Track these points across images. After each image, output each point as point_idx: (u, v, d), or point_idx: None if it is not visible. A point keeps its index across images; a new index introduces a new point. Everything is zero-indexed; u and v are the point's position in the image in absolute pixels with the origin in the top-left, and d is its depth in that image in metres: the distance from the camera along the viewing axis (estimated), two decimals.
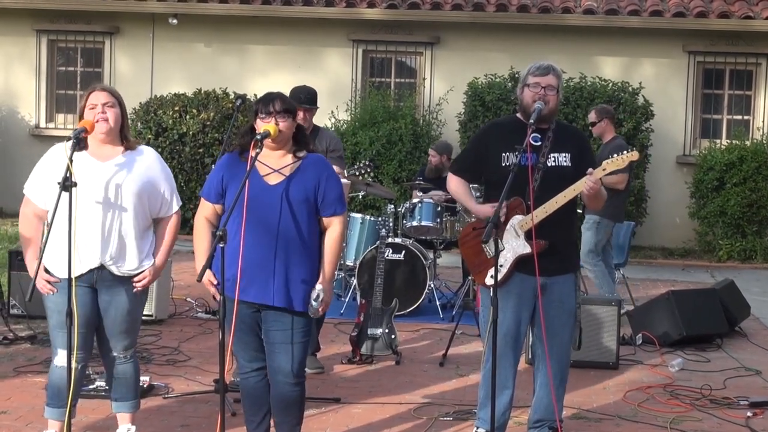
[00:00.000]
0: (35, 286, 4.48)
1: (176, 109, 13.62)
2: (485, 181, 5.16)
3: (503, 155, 4.91)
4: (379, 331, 7.02)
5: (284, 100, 4.52)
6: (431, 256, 9.10)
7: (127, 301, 4.70)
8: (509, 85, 12.88)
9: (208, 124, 13.49)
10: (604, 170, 4.80)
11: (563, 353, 5.03)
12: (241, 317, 4.48)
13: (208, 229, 4.57)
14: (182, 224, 4.99)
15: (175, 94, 13.93)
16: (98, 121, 4.60)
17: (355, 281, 8.75)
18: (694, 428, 5.65)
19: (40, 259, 4.46)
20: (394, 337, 7.06)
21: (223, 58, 14.78)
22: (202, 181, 12.68)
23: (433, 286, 8.80)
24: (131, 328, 4.78)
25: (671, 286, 10.21)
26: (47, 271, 4.60)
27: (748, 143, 13.24)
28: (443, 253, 9.68)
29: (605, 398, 6.25)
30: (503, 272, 4.83)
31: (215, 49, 14.85)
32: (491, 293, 4.50)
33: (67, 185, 4.25)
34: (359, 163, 7.90)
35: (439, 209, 8.94)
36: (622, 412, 5.93)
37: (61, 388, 4.48)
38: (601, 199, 4.94)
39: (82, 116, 4.63)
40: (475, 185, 5.83)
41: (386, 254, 8.10)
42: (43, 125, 15.27)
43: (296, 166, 4.51)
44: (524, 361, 6.53)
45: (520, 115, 5.03)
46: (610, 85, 13.12)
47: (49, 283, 4.59)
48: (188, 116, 13.55)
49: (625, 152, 4.87)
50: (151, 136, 13.40)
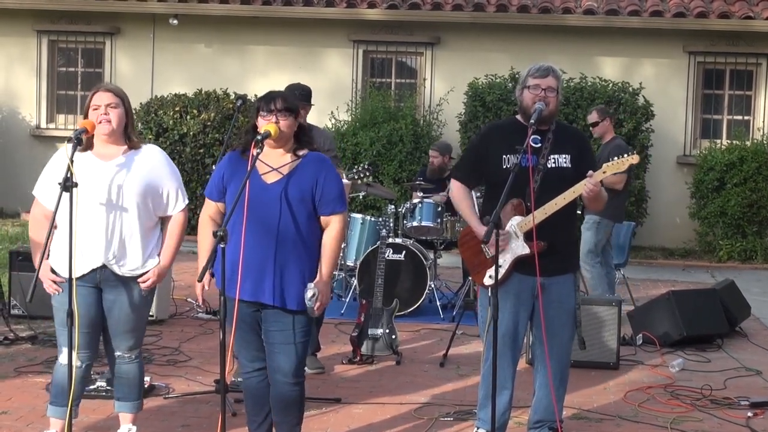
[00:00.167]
0: (36, 286, 4.48)
1: (177, 109, 13.62)
2: (486, 182, 5.16)
3: (504, 157, 4.91)
4: (379, 331, 7.02)
5: (286, 98, 4.52)
6: (432, 256, 9.10)
7: (131, 301, 4.70)
8: (510, 85, 12.88)
9: (208, 124, 13.49)
10: (604, 173, 4.81)
11: (563, 353, 5.03)
12: (241, 316, 4.48)
13: (211, 227, 4.56)
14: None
15: (175, 94, 13.93)
16: (101, 122, 4.61)
17: (355, 281, 8.75)
18: (694, 428, 5.65)
19: (40, 259, 4.46)
20: (394, 337, 7.06)
21: (223, 58, 14.78)
22: (202, 181, 12.70)
23: (433, 286, 8.80)
24: (136, 328, 4.78)
25: (672, 286, 10.21)
26: (53, 271, 4.62)
27: (748, 143, 13.24)
28: (444, 253, 9.67)
29: (606, 398, 6.25)
30: (501, 273, 4.82)
31: (216, 49, 14.85)
32: (489, 293, 4.50)
33: (68, 185, 4.26)
34: (358, 166, 7.88)
35: (439, 209, 8.94)
36: (622, 412, 5.93)
37: (64, 386, 4.49)
38: (601, 200, 4.94)
39: (86, 116, 4.64)
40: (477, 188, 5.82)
41: (387, 254, 8.09)
42: (43, 126, 15.27)
43: (295, 164, 4.50)
44: (524, 361, 6.53)
45: (519, 116, 5.03)
46: (610, 85, 13.12)
47: (54, 283, 4.60)
48: (189, 117, 13.55)
49: (625, 155, 4.88)
50: (151, 136, 13.39)
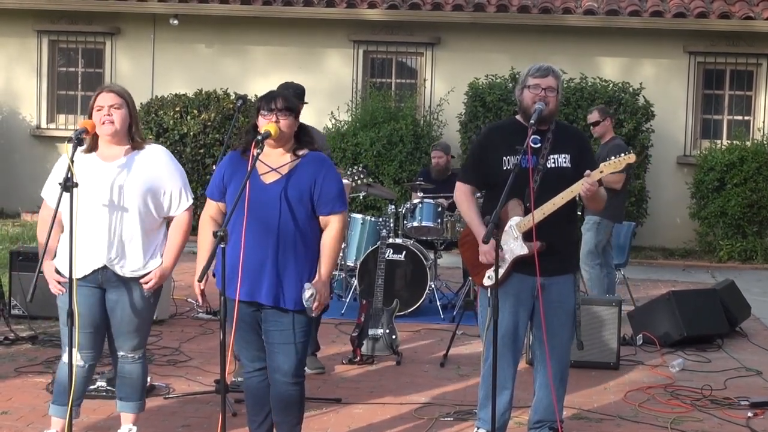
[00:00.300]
0: (36, 286, 4.49)
1: (177, 109, 13.63)
2: (486, 184, 5.16)
3: (504, 158, 4.90)
4: (379, 331, 7.02)
5: (286, 98, 4.52)
6: (432, 256, 9.10)
7: (133, 301, 4.70)
8: (510, 85, 12.88)
9: (208, 124, 13.49)
10: (601, 172, 4.80)
11: (563, 353, 5.03)
12: (241, 316, 4.48)
13: (211, 227, 4.56)
14: None
15: (175, 94, 13.93)
16: (104, 123, 4.61)
17: (355, 282, 8.75)
18: (694, 428, 5.65)
19: (41, 260, 4.47)
20: (394, 337, 7.06)
21: (223, 58, 14.79)
22: (202, 181, 12.69)
23: (433, 286, 8.80)
24: (139, 328, 4.78)
25: (672, 286, 10.22)
26: (58, 271, 4.63)
27: (748, 144, 13.25)
28: (444, 253, 9.68)
29: (606, 398, 6.25)
30: (501, 273, 4.83)
31: (216, 49, 14.85)
32: (489, 294, 4.50)
33: (68, 185, 4.27)
34: (352, 168, 7.88)
35: (439, 210, 8.94)
36: (622, 412, 5.93)
37: (67, 386, 4.49)
38: (600, 200, 4.94)
39: (90, 117, 4.65)
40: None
41: (387, 255, 8.09)
42: (44, 126, 15.27)
43: (294, 164, 4.50)
44: (524, 361, 6.53)
45: (519, 117, 5.02)
46: (610, 85, 13.12)
47: (58, 283, 4.61)
48: (189, 117, 13.55)
49: (623, 154, 4.87)
50: (152, 136, 13.39)
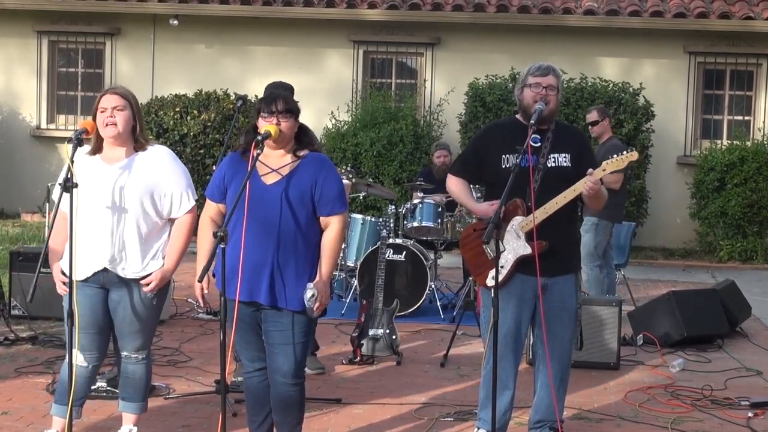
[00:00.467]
0: (36, 286, 4.49)
1: (177, 110, 13.62)
2: (485, 182, 5.16)
3: (503, 157, 4.91)
4: (380, 331, 7.02)
5: (287, 99, 4.51)
6: (432, 256, 9.10)
7: (136, 302, 4.69)
8: (510, 85, 12.87)
9: (209, 125, 13.49)
10: (604, 170, 4.79)
11: (564, 354, 5.03)
12: (241, 316, 4.48)
13: (211, 228, 4.56)
14: None
15: (175, 95, 13.92)
16: (107, 125, 4.62)
17: (355, 282, 8.75)
18: (695, 429, 5.64)
19: (41, 261, 4.47)
20: (395, 337, 7.06)
21: (223, 59, 14.78)
22: (202, 182, 12.67)
23: (434, 286, 8.80)
24: (143, 329, 4.77)
25: (672, 286, 10.22)
26: (63, 272, 4.63)
27: (748, 144, 13.24)
28: (444, 253, 9.68)
29: (606, 399, 6.25)
30: (504, 273, 4.83)
31: (216, 50, 14.85)
32: (492, 294, 4.50)
33: (68, 186, 4.27)
34: (340, 168, 7.87)
35: (440, 210, 8.94)
36: (623, 412, 5.93)
37: (67, 386, 4.49)
38: (602, 199, 4.94)
39: (94, 119, 4.66)
40: (475, 186, 5.81)
41: (387, 255, 8.09)
42: (44, 126, 15.27)
43: (295, 165, 4.50)
44: (525, 361, 6.53)
45: (519, 116, 5.02)
46: (610, 85, 13.11)
47: (64, 284, 4.61)
48: (189, 117, 13.55)
49: (624, 152, 4.87)
50: (152, 137, 13.35)
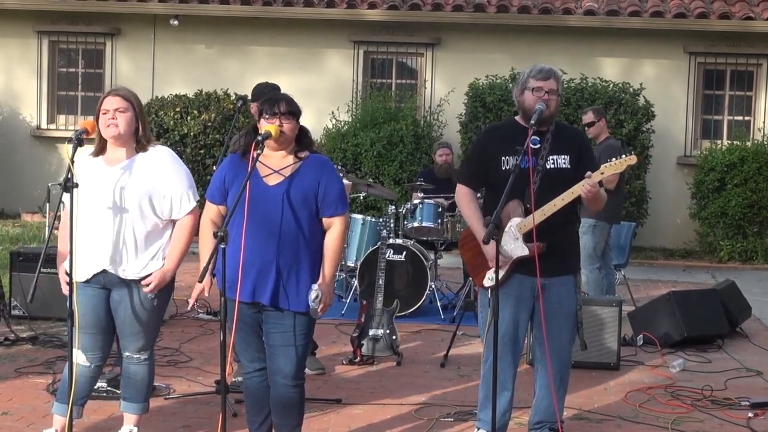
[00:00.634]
0: (36, 287, 4.50)
1: (177, 110, 13.63)
2: (486, 184, 5.16)
3: (502, 159, 4.91)
4: (380, 331, 7.02)
5: (289, 101, 4.51)
6: (432, 256, 9.10)
7: (135, 303, 4.69)
8: (510, 86, 12.86)
9: (209, 125, 13.49)
10: (602, 173, 4.80)
11: (564, 354, 5.03)
12: (242, 318, 4.48)
13: (211, 230, 4.56)
14: None
15: (176, 95, 13.93)
16: (108, 126, 4.63)
17: (356, 282, 8.75)
18: (695, 429, 5.65)
19: (41, 261, 4.48)
20: (395, 337, 7.06)
21: (224, 59, 14.78)
22: (203, 182, 12.67)
23: (434, 286, 8.79)
24: (144, 330, 4.76)
25: (672, 286, 10.21)
26: (67, 273, 4.62)
27: (748, 144, 13.24)
28: (444, 253, 9.67)
29: (606, 399, 6.25)
30: (501, 274, 4.83)
31: (216, 50, 14.85)
32: (489, 295, 4.50)
33: (68, 186, 4.28)
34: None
35: (440, 210, 8.94)
36: (623, 412, 5.93)
37: (68, 386, 4.49)
38: (601, 201, 4.94)
39: (97, 120, 4.67)
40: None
41: (387, 255, 8.09)
42: (44, 126, 15.27)
43: (297, 166, 4.51)
44: (525, 362, 6.53)
45: (519, 118, 5.02)
46: (610, 86, 13.11)
47: (67, 284, 4.60)
48: (189, 117, 13.55)
49: (624, 155, 4.87)
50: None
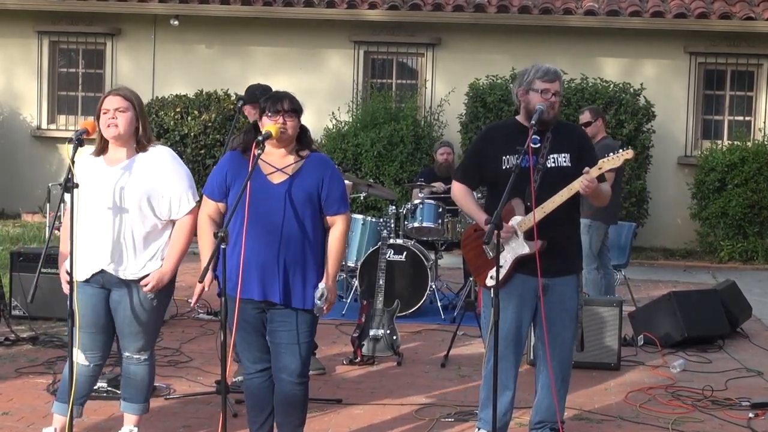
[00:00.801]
0: (37, 287, 4.50)
1: (177, 110, 13.63)
2: (486, 183, 5.16)
3: (503, 158, 4.91)
4: (380, 332, 7.02)
5: (292, 100, 4.52)
6: (433, 257, 9.09)
7: (135, 303, 4.69)
8: (510, 86, 12.85)
9: (209, 125, 13.50)
10: (600, 169, 4.80)
11: (565, 354, 5.03)
12: (245, 317, 4.48)
13: (211, 227, 4.55)
14: None
15: (176, 95, 13.93)
16: (108, 126, 4.63)
17: (356, 282, 8.74)
18: (695, 429, 5.65)
19: (41, 261, 4.48)
20: (395, 338, 7.05)
21: (224, 59, 14.78)
22: (203, 182, 12.60)
23: (434, 287, 8.79)
24: (144, 330, 4.76)
25: (673, 287, 10.21)
26: (67, 272, 4.62)
27: (749, 144, 13.23)
28: (445, 254, 9.67)
29: (607, 399, 6.25)
30: (503, 273, 4.83)
31: (216, 50, 14.84)
32: (492, 294, 4.50)
33: (68, 186, 4.28)
34: None
35: (440, 210, 8.93)
36: (623, 413, 5.93)
37: (68, 385, 4.48)
38: (602, 196, 4.95)
39: (98, 120, 4.67)
40: (476, 188, 5.80)
41: (388, 255, 8.09)
42: (44, 126, 15.26)
43: (299, 165, 4.52)
44: (526, 362, 6.53)
45: (519, 117, 5.02)
46: (611, 86, 13.11)
47: (67, 283, 4.60)
48: (190, 117, 13.55)
49: (620, 150, 4.89)
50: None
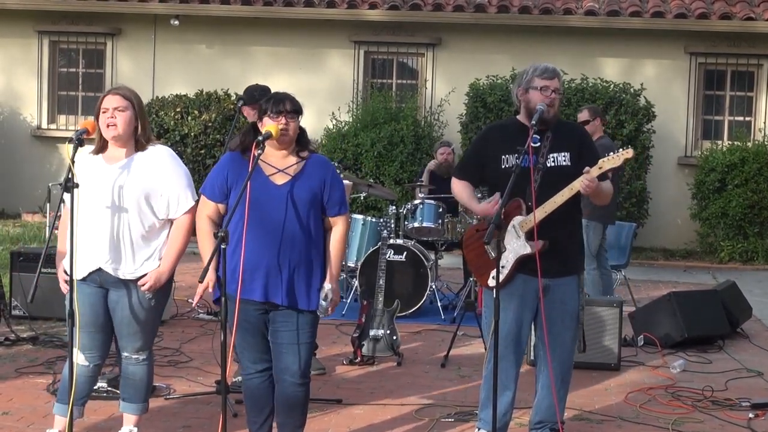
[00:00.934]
0: (37, 287, 4.49)
1: (178, 110, 13.63)
2: (487, 183, 5.16)
3: (503, 158, 4.91)
4: (380, 332, 7.02)
5: (293, 101, 4.52)
6: (433, 257, 9.09)
7: (133, 303, 4.68)
8: (511, 86, 12.84)
9: (209, 125, 13.50)
10: (600, 168, 4.81)
11: (565, 355, 5.03)
12: (247, 318, 4.48)
13: (211, 228, 4.55)
14: None
15: (176, 95, 13.93)
16: (108, 126, 4.63)
17: (356, 282, 8.74)
18: (695, 430, 5.65)
19: (41, 261, 4.48)
20: (395, 338, 7.05)
21: (224, 59, 14.78)
22: (203, 182, 12.66)
23: (434, 287, 8.79)
24: (142, 330, 4.75)
25: (673, 287, 10.20)
26: (65, 271, 4.62)
27: (749, 144, 13.23)
28: (445, 254, 9.67)
29: (607, 399, 6.25)
30: (504, 273, 4.83)
31: (217, 50, 14.84)
32: (494, 294, 4.50)
33: (68, 186, 4.28)
34: None
35: (440, 210, 8.93)
36: (623, 413, 5.93)
37: (68, 385, 4.48)
38: (604, 195, 4.95)
39: (97, 119, 4.67)
40: (477, 187, 5.80)
41: (388, 255, 8.08)
42: (44, 126, 15.27)
43: (300, 166, 4.52)
44: (526, 362, 6.53)
45: (520, 117, 5.02)
46: (611, 86, 13.11)
47: (66, 282, 4.60)
48: (190, 117, 13.56)
49: (621, 149, 4.89)
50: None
